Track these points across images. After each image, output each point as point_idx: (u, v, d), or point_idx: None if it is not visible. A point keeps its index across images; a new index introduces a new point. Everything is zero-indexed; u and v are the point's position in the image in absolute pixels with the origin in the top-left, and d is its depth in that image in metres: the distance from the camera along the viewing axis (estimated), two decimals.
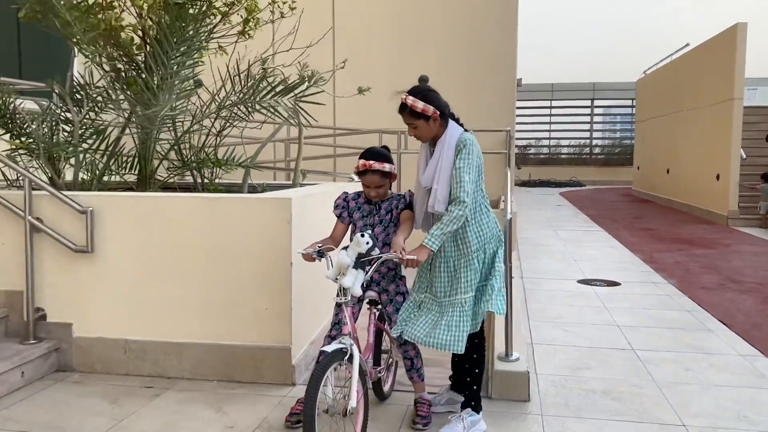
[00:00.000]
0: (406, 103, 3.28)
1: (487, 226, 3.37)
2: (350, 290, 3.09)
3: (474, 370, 3.45)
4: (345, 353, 3.00)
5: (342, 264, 3.10)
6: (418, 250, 3.17)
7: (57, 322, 4.31)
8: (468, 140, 3.27)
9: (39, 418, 3.55)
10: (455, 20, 10.01)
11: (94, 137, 4.86)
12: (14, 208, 4.25)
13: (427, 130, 3.31)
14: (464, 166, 3.22)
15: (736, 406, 3.89)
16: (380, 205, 3.47)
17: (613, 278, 7.81)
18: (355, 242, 3.12)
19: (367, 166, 3.34)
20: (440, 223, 3.21)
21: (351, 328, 3.15)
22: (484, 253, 3.36)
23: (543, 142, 30.64)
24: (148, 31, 4.89)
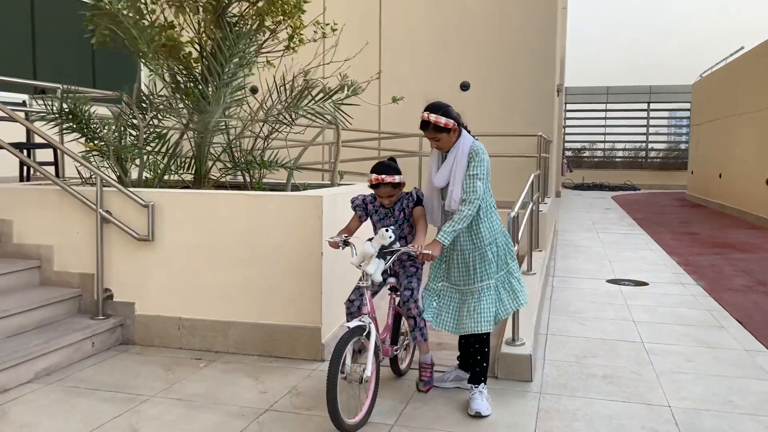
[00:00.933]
0: (430, 121, 3.71)
1: (496, 222, 3.86)
2: (372, 276, 3.58)
3: (483, 350, 3.91)
4: (364, 330, 3.50)
5: (366, 253, 3.60)
6: (432, 245, 3.63)
7: (122, 301, 4.97)
8: (479, 149, 3.74)
9: (106, 380, 4.19)
10: (495, 29, 10.40)
11: (156, 141, 5.51)
12: (88, 202, 4.93)
13: (448, 141, 3.76)
14: (478, 173, 3.68)
15: (725, 392, 4.22)
16: (393, 207, 3.88)
17: (642, 279, 8.07)
18: (380, 236, 3.60)
19: (379, 180, 3.74)
20: (452, 221, 3.66)
21: (370, 308, 3.62)
22: (497, 246, 3.85)
23: (597, 145, 30.44)
24: (204, 46, 5.53)
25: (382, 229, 3.60)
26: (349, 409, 3.49)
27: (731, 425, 3.69)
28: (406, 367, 4.37)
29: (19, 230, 5.18)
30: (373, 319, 3.59)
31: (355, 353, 3.55)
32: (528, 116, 10.16)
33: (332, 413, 3.28)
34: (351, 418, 3.44)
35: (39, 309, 4.69)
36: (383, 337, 3.90)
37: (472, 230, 3.78)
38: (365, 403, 3.56)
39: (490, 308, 3.78)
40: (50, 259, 5.10)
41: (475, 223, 3.77)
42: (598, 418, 3.74)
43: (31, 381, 4.14)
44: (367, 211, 3.95)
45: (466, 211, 3.65)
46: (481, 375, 3.89)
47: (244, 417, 3.65)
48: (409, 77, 10.65)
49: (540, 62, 10.15)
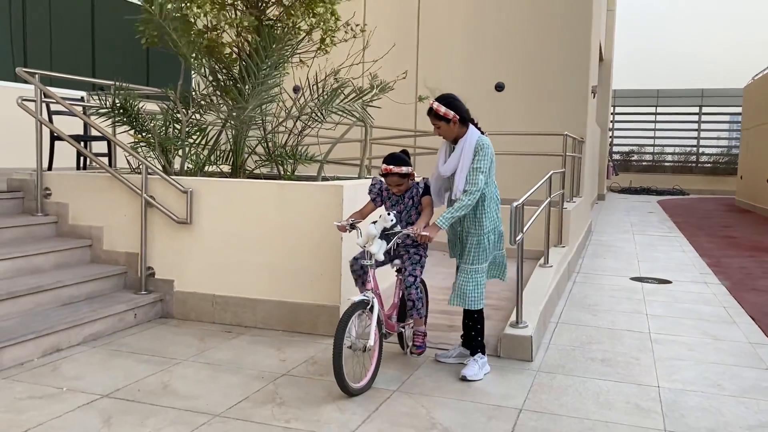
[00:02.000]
0: (432, 107, 4.10)
1: (496, 213, 4.22)
2: (375, 255, 3.94)
3: (477, 326, 4.28)
4: (367, 303, 3.88)
5: (370, 234, 3.95)
6: (430, 228, 4.00)
7: (162, 278, 5.47)
8: (484, 144, 4.07)
9: (145, 346, 4.68)
10: (530, 31, 10.62)
11: (197, 134, 6.01)
12: (134, 188, 5.45)
13: (448, 131, 4.11)
14: (481, 166, 4.02)
15: (716, 377, 4.43)
16: (404, 195, 4.23)
17: (666, 277, 8.20)
18: (383, 218, 3.95)
19: (388, 170, 4.09)
20: (452, 209, 4.00)
21: (374, 285, 4.00)
22: (494, 234, 4.21)
23: (646, 149, 30.06)
24: (243, 48, 6.00)
25: (385, 213, 3.96)
26: (354, 375, 3.88)
27: (712, 404, 3.93)
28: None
29: (74, 212, 5.75)
30: (376, 294, 3.97)
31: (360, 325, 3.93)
32: (562, 116, 10.35)
33: (338, 378, 3.68)
34: (356, 383, 3.82)
35: (89, 282, 5.22)
36: (389, 313, 4.28)
37: (476, 218, 4.13)
38: (369, 369, 3.95)
39: (479, 289, 4.16)
40: (100, 239, 5.65)
41: (479, 211, 4.11)
42: (586, 394, 4.02)
43: (80, 344, 4.66)
44: (382, 197, 4.31)
45: (466, 201, 3.98)
46: (477, 347, 4.28)
47: (263, 379, 4.07)
48: (445, 77, 10.97)
49: (574, 63, 10.33)
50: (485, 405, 3.78)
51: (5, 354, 4.11)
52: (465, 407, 3.73)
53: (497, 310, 5.61)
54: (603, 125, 21.81)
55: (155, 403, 3.66)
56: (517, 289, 4.82)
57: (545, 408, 3.77)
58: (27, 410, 3.50)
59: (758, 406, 3.93)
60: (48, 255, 5.29)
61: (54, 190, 5.81)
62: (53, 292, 4.90)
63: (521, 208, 4.70)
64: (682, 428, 3.56)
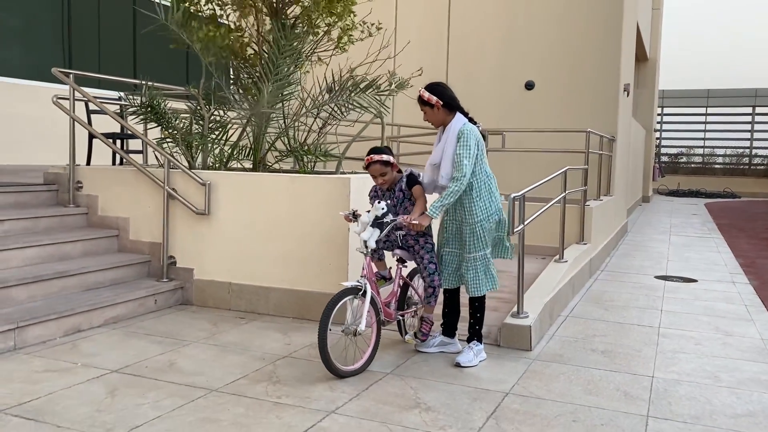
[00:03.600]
0: (420, 93, 4.25)
1: (490, 202, 4.25)
2: (367, 242, 4.10)
3: (476, 315, 4.38)
4: (360, 289, 4.01)
5: (363, 222, 4.13)
6: (421, 217, 4.12)
7: (183, 267, 5.74)
8: (466, 131, 4.12)
9: (160, 329, 4.94)
10: (560, 27, 10.59)
11: (219, 130, 6.27)
12: (157, 181, 5.74)
13: (434, 116, 4.23)
14: (464, 152, 4.09)
15: (715, 370, 4.42)
16: (394, 188, 4.37)
17: (694, 276, 8.10)
18: (374, 207, 4.13)
19: (369, 160, 4.25)
20: (441, 197, 4.10)
21: (367, 271, 4.12)
22: (489, 222, 4.26)
23: (696, 150, 29.34)
24: (261, 47, 6.24)
25: (376, 202, 4.12)
26: (346, 358, 4.04)
27: (703, 394, 3.94)
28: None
29: (103, 204, 6.08)
30: (370, 281, 4.08)
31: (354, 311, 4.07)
32: (592, 114, 10.29)
33: (324, 359, 3.84)
34: (348, 365, 3.97)
35: (114, 269, 5.53)
36: (387, 300, 4.38)
37: (465, 207, 4.21)
38: (366, 353, 4.09)
39: (480, 275, 4.26)
40: (127, 229, 5.96)
41: (469, 199, 4.19)
42: (577, 381, 4.08)
43: (100, 326, 4.95)
44: (378, 197, 4.44)
45: (453, 188, 4.07)
46: (473, 335, 4.37)
47: (264, 360, 4.27)
48: (476, 75, 11.04)
49: (605, 60, 10.25)
50: (472, 388, 3.88)
51: (29, 332, 4.42)
52: (452, 390, 3.85)
53: (506, 303, 5.68)
54: (648, 126, 21.43)
55: (159, 378, 3.89)
56: (518, 280, 4.89)
57: (532, 393, 3.85)
58: (41, 382, 3.78)
59: (751, 397, 3.92)
60: (76, 243, 5.62)
61: (85, 183, 6.16)
62: (79, 277, 5.21)
63: (522, 200, 4.77)
64: (666, 415, 3.59)
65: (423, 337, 4.51)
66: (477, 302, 4.37)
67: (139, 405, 3.48)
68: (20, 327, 4.35)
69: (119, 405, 3.47)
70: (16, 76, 9.85)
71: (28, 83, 9.95)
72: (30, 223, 5.60)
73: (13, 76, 9.81)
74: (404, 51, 10.48)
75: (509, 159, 10.36)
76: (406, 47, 10.42)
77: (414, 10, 11.46)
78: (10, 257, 5.06)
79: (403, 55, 10.49)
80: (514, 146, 9.72)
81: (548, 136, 9.79)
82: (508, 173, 10.38)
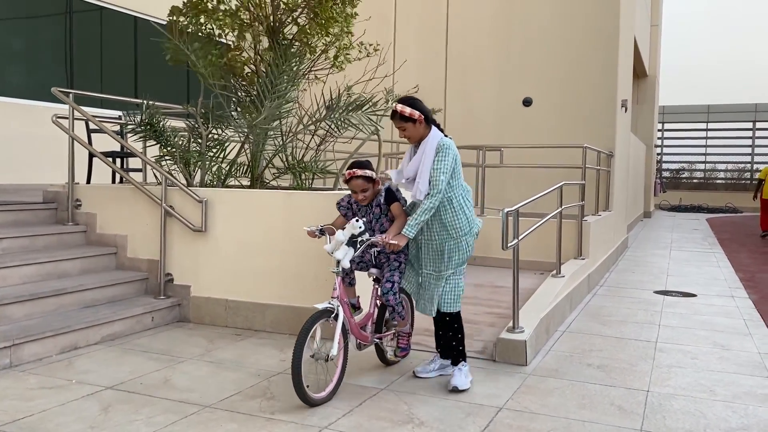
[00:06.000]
0: (397, 110, 4.02)
1: (471, 215, 4.09)
2: (341, 262, 3.86)
3: (457, 336, 4.20)
4: (332, 312, 3.78)
5: (337, 240, 3.88)
6: (398, 237, 3.94)
7: (180, 284, 5.76)
8: (445, 145, 3.97)
9: (157, 346, 4.95)
10: (557, 44, 10.68)
11: (216, 148, 6.32)
12: (155, 198, 5.78)
13: (414, 132, 4.04)
14: (441, 167, 3.92)
15: (711, 384, 4.41)
16: (371, 204, 4.15)
17: (693, 291, 8.08)
18: (351, 225, 3.87)
19: (351, 174, 4.03)
20: (416, 214, 3.93)
21: (340, 293, 3.86)
22: (471, 236, 4.09)
23: (697, 166, 29.37)
24: (259, 66, 6.31)
25: (353, 219, 3.88)
26: (318, 385, 3.85)
27: (698, 408, 3.93)
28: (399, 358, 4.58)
29: (101, 222, 6.12)
30: (343, 303, 3.86)
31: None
32: (589, 130, 10.33)
33: (297, 388, 3.58)
34: (318, 393, 3.74)
35: (111, 287, 5.55)
36: (363, 323, 4.17)
37: (448, 221, 4.01)
38: (333, 379, 3.87)
39: (455, 291, 4.13)
40: (125, 247, 5.99)
41: (452, 214, 4.00)
42: (571, 396, 4.07)
43: (97, 343, 4.96)
44: (353, 210, 4.24)
45: (428, 204, 3.91)
46: (459, 356, 4.20)
47: (260, 376, 4.27)
48: (473, 92, 11.11)
49: (602, 77, 10.32)
50: (466, 403, 3.88)
51: (25, 349, 4.44)
52: (446, 405, 3.84)
53: (502, 318, 5.69)
54: (648, 141, 21.48)
55: (153, 395, 3.90)
56: (513, 295, 4.90)
57: (526, 407, 3.85)
58: (35, 399, 3.79)
59: (746, 410, 3.91)
60: (75, 261, 5.65)
61: (84, 201, 6.20)
62: (76, 295, 5.23)
63: (515, 214, 4.79)
64: (659, 429, 3.58)
65: (402, 353, 4.42)
66: (456, 322, 4.19)
67: (132, 421, 3.49)
68: (16, 344, 4.36)
69: (112, 421, 3.48)
70: (18, 96, 9.95)
71: (29, 103, 10.04)
72: (29, 241, 5.63)
73: (15, 96, 9.91)
74: (402, 69, 10.58)
75: (507, 175, 10.40)
76: (404, 65, 10.51)
77: (412, 28, 11.57)
78: (8, 275, 5.09)
79: (400, 73, 10.59)
80: (512, 162, 9.77)
81: (546, 152, 9.83)
82: (507, 189, 10.43)
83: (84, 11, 10.91)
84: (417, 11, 11.57)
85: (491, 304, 6.26)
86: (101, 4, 11.12)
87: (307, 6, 6.24)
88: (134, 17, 11.64)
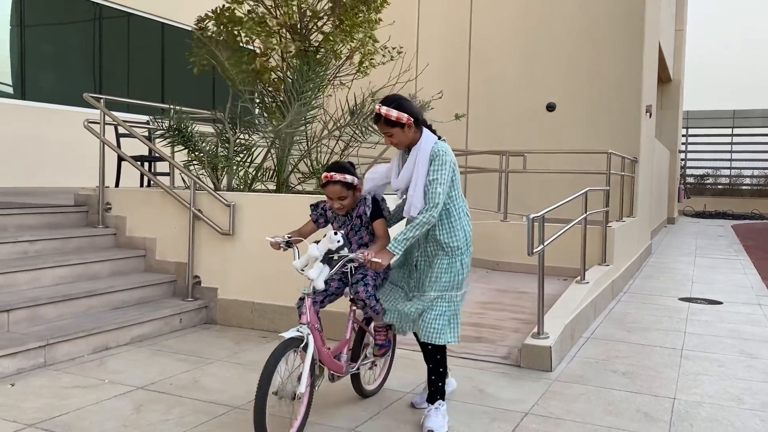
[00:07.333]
0: (381, 114, 3.40)
1: (469, 228, 3.57)
2: (314, 282, 3.26)
3: (438, 369, 3.60)
4: (301, 341, 3.19)
5: (311, 256, 3.29)
6: (383, 253, 3.34)
7: (207, 286, 5.85)
8: (441, 151, 3.40)
9: (185, 347, 5.04)
10: (581, 49, 10.66)
11: (243, 153, 6.41)
12: (183, 202, 5.87)
13: (403, 137, 3.44)
14: (438, 177, 3.37)
15: (739, 392, 4.38)
16: (351, 214, 3.61)
17: (719, 298, 8.01)
18: (328, 239, 3.30)
19: (328, 177, 3.44)
20: (406, 228, 3.37)
21: (310, 317, 3.28)
22: (468, 255, 3.55)
23: (722, 171, 29.02)
24: (286, 72, 6.39)
25: (331, 232, 3.34)
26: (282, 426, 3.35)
27: (725, 416, 3.91)
28: (377, 388, 4.07)
29: (131, 225, 6.23)
30: (313, 329, 3.28)
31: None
32: (613, 136, 10.30)
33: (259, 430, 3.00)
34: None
35: (140, 289, 5.65)
36: (337, 352, 3.58)
37: (443, 236, 3.49)
38: (297, 419, 3.28)
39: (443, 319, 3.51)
40: (153, 249, 6.10)
41: (448, 228, 3.49)
42: (597, 402, 4.07)
43: (127, 343, 5.06)
44: (327, 218, 3.75)
45: (422, 219, 3.35)
46: (437, 393, 3.61)
47: None
48: (497, 97, 11.13)
49: (626, 82, 10.29)
50: (492, 408, 3.90)
51: (58, 349, 4.54)
52: (472, 409, 3.87)
53: (527, 323, 5.69)
54: (673, 147, 21.30)
55: (183, 395, 3.97)
56: (539, 300, 4.91)
57: (551, 413, 3.86)
58: (70, 397, 3.88)
59: None
60: (105, 263, 5.76)
61: (114, 204, 6.32)
62: (106, 296, 5.34)
63: (541, 220, 4.81)
64: None
65: (381, 351, 3.76)
66: (438, 354, 3.56)
67: (164, 421, 3.56)
68: (50, 344, 4.47)
69: (145, 420, 3.56)
70: (49, 101, 10.15)
71: (59, 108, 10.24)
72: (61, 243, 5.76)
73: (46, 101, 10.12)
74: (425, 74, 10.61)
75: (531, 180, 10.39)
76: (428, 70, 10.55)
77: (435, 33, 11.62)
78: (42, 276, 5.20)
79: (423, 79, 10.62)
80: (536, 168, 9.76)
81: (570, 158, 9.81)
82: (530, 195, 10.42)
83: (112, 17, 11.11)
84: (439, 17, 11.62)
85: (515, 309, 6.27)
86: (129, 11, 11.31)
87: (333, 13, 6.32)
88: (161, 23, 11.82)
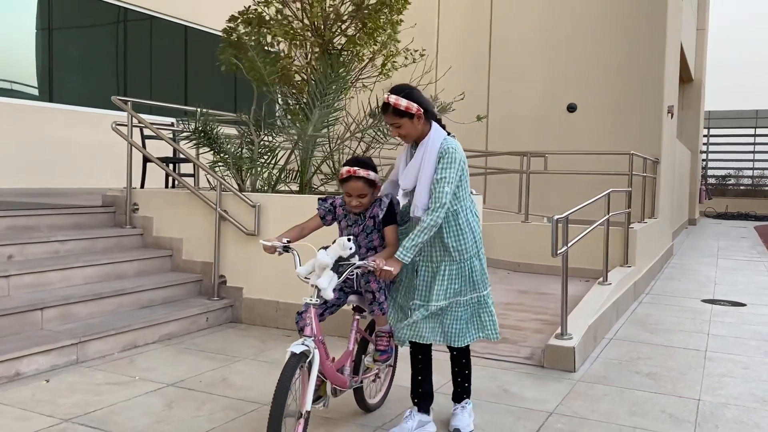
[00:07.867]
0: (389, 103, 3.22)
1: (478, 230, 3.41)
2: (323, 291, 3.03)
3: (464, 372, 3.56)
4: (307, 356, 2.97)
5: (320, 263, 3.05)
6: (392, 262, 3.15)
7: (233, 286, 5.94)
8: (450, 148, 3.22)
9: (212, 345, 5.12)
10: (603, 50, 10.64)
11: (268, 154, 6.50)
12: (210, 203, 5.97)
13: (412, 129, 3.25)
14: (447, 176, 3.19)
15: (764, 394, 4.37)
16: (365, 215, 3.38)
17: (742, 300, 7.96)
18: (340, 245, 3.08)
19: (351, 172, 3.24)
20: (412, 234, 3.18)
21: (316, 329, 3.05)
22: (479, 259, 3.38)
23: (745, 172, 28.71)
24: (310, 75, 6.47)
25: (343, 238, 3.10)
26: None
27: (751, 418, 3.91)
28: (380, 401, 3.87)
29: (158, 225, 6.34)
30: (319, 342, 3.07)
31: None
32: (635, 136, 10.27)
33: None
34: None
35: (167, 288, 5.75)
36: (340, 365, 3.37)
37: (450, 242, 3.29)
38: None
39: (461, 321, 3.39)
40: (180, 249, 6.20)
41: (456, 231, 3.29)
42: (621, 403, 4.09)
43: (155, 342, 5.16)
44: (335, 215, 3.50)
45: (429, 221, 3.16)
46: (464, 392, 3.59)
47: None
48: (518, 98, 11.13)
49: (648, 83, 10.25)
50: (517, 408, 3.93)
51: (90, 347, 4.64)
52: (497, 408, 3.91)
53: (550, 324, 5.72)
54: (694, 148, 21.13)
55: (212, 392, 4.05)
56: (562, 302, 4.93)
57: (576, 413, 3.89)
58: (103, 393, 3.97)
59: None
60: (132, 263, 5.87)
61: (141, 205, 6.43)
62: (134, 296, 5.44)
63: (565, 221, 4.83)
64: None
65: (382, 357, 3.52)
66: (464, 358, 3.52)
67: (195, 417, 3.64)
68: (82, 342, 4.57)
69: (177, 417, 3.64)
70: (76, 104, 10.32)
71: (85, 110, 10.41)
72: (89, 243, 5.87)
73: (71, 103, 10.29)
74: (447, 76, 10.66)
75: (552, 181, 10.39)
76: (449, 73, 10.59)
77: (456, 35, 11.65)
78: (73, 275, 5.32)
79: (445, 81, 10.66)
80: (557, 169, 9.76)
81: (591, 159, 9.80)
82: (551, 196, 10.42)
83: (136, 20, 11.27)
84: (459, 19, 11.65)
85: (537, 310, 6.29)
86: (153, 14, 11.47)
87: (356, 16, 6.39)
88: (184, 26, 11.97)
